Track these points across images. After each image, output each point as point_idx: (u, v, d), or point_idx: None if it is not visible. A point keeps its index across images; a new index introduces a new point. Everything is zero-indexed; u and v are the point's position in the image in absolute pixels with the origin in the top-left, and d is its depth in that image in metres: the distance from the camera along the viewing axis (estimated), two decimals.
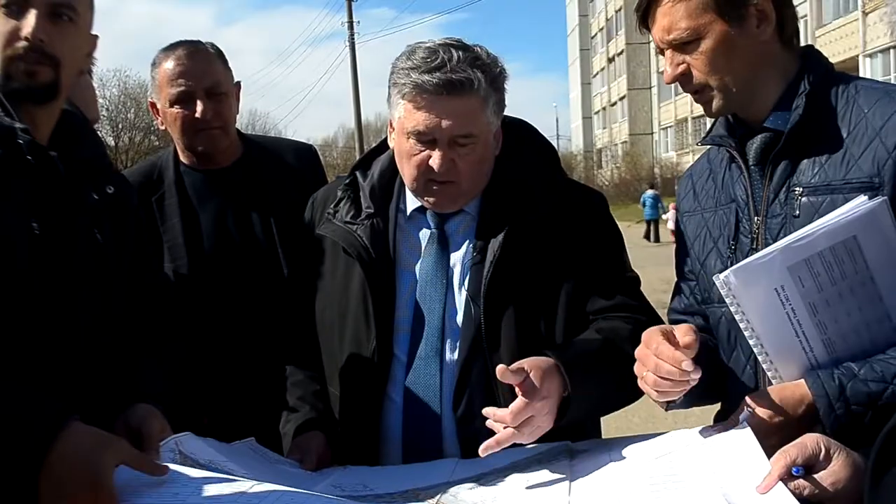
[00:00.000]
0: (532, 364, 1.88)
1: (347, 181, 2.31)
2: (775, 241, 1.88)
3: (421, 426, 2.13)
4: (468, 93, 2.03)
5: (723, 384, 2.06)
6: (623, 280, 2.22)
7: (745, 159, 1.99)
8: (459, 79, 2.01)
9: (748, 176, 1.98)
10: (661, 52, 2.00)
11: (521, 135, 2.30)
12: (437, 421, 2.12)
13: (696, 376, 1.71)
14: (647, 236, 30.52)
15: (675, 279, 2.28)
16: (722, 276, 1.73)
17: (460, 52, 2.04)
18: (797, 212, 1.87)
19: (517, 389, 1.85)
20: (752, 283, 1.71)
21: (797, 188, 1.88)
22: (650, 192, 33.16)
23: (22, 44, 1.81)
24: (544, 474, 1.86)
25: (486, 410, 1.88)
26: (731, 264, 1.95)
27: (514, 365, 1.86)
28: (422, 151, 2.08)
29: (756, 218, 1.96)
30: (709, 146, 2.15)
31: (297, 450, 2.13)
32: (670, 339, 1.76)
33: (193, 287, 2.79)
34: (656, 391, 1.77)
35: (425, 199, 2.17)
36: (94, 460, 1.55)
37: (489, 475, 1.90)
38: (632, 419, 6.67)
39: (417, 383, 2.14)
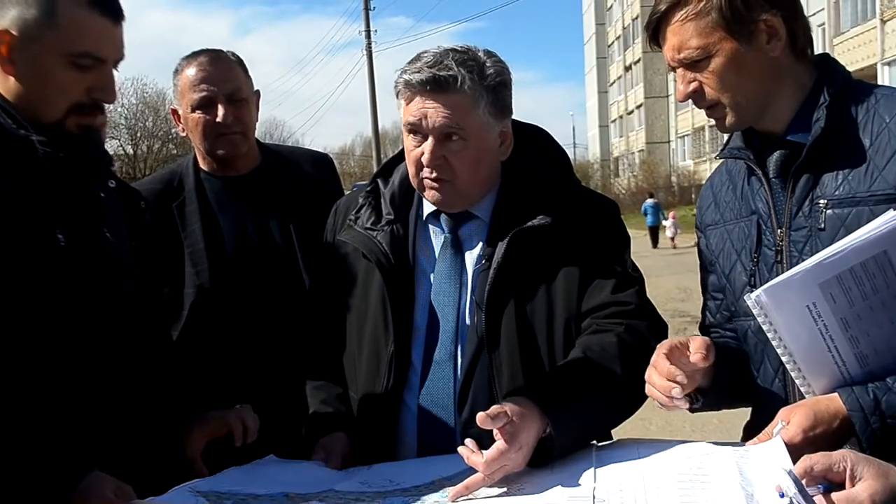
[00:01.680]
0: (513, 410, 1.82)
1: (369, 188, 2.34)
2: (800, 253, 1.89)
3: (435, 431, 2.14)
4: (452, 89, 2.07)
5: (752, 391, 2.06)
6: (622, 277, 2.18)
7: (765, 171, 1.99)
8: (443, 76, 2.07)
9: (769, 188, 1.98)
10: (672, 69, 2.01)
11: (534, 141, 2.32)
12: (452, 425, 2.13)
13: (681, 405, 1.77)
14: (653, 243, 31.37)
15: (701, 296, 2.28)
16: (753, 295, 1.72)
17: (455, 54, 2.11)
18: (822, 224, 1.87)
19: (496, 434, 1.80)
20: (783, 301, 1.71)
21: (821, 201, 1.88)
22: (650, 200, 34.83)
23: None
24: (569, 461, 1.86)
25: (461, 450, 1.81)
26: (755, 277, 1.98)
27: (495, 409, 1.79)
28: (417, 147, 2.14)
29: (779, 230, 1.95)
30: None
31: (321, 450, 2.15)
32: (681, 351, 1.78)
33: (215, 292, 2.81)
34: (658, 402, 1.81)
35: (426, 195, 2.21)
36: None
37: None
38: (649, 427, 6.67)
39: (432, 388, 2.16)
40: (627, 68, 70.10)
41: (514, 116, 2.24)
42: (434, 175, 2.14)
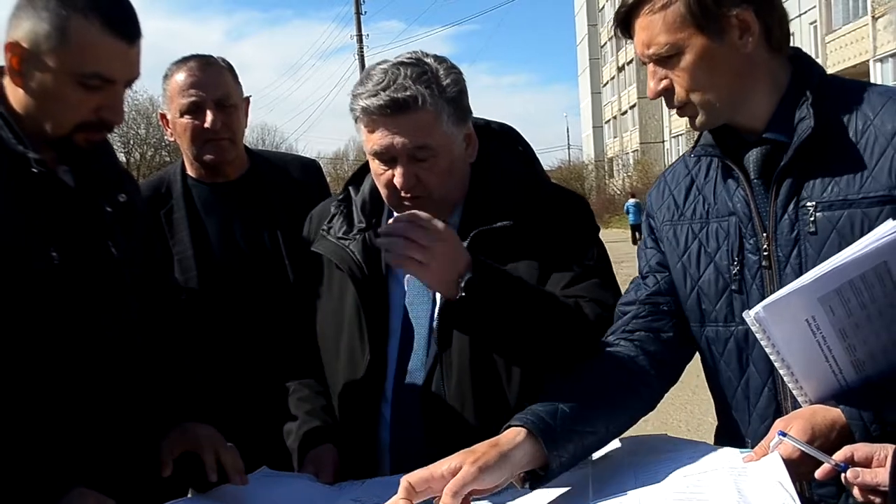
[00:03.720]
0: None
1: (341, 196, 2.32)
2: (788, 258, 1.84)
3: (407, 440, 2.12)
4: (413, 109, 2.03)
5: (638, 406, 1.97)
6: (582, 270, 2.13)
7: (744, 171, 1.91)
8: (403, 97, 2.01)
9: (749, 189, 1.90)
10: (643, 63, 1.93)
11: (502, 140, 2.30)
12: (420, 434, 2.11)
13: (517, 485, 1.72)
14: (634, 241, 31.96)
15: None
16: (753, 312, 1.67)
17: (408, 70, 2.04)
18: (813, 228, 1.80)
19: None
20: (783, 316, 1.67)
21: (809, 203, 1.81)
22: (632, 200, 36.62)
23: None
24: (564, 479, 1.81)
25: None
26: (737, 282, 1.91)
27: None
28: (386, 171, 2.10)
29: (763, 234, 1.88)
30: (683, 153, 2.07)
31: (311, 464, 2.13)
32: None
33: (203, 298, 2.80)
34: None
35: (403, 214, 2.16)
36: None
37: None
38: (645, 428, 6.65)
39: (405, 398, 2.14)
40: (620, 69, 70.22)
41: (508, 119, 2.23)
42: (409, 195, 2.10)
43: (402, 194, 2.10)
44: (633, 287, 2.12)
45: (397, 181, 2.07)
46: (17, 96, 1.88)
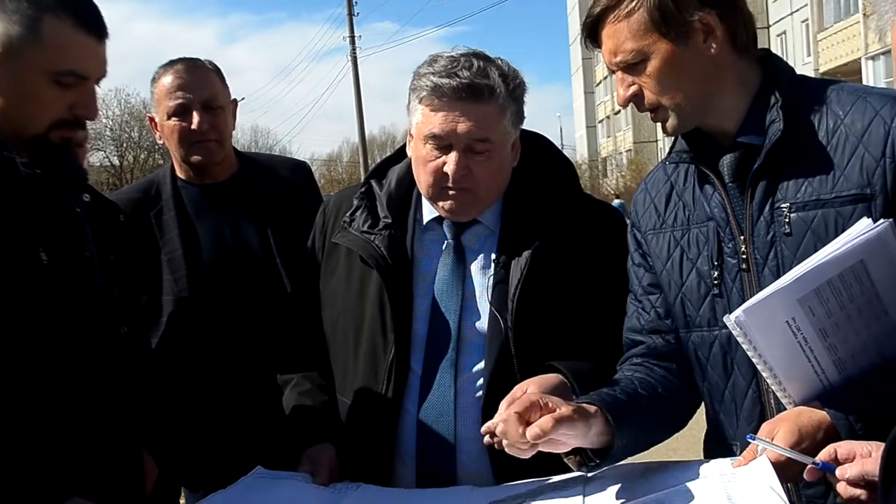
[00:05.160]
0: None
1: (363, 189, 2.29)
2: (766, 260, 1.84)
3: (435, 439, 2.11)
4: (487, 98, 2.04)
5: (669, 428, 2.04)
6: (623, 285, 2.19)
7: (719, 176, 1.92)
8: (479, 83, 2.02)
9: (725, 193, 1.91)
10: (612, 72, 1.95)
11: (538, 148, 2.30)
12: (451, 434, 2.10)
13: (570, 464, 1.80)
14: None
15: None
16: (733, 316, 1.69)
17: (481, 62, 2.06)
18: (788, 229, 1.81)
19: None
20: (763, 319, 1.68)
21: (783, 205, 1.82)
22: (617, 201, 37.34)
23: None
24: (558, 489, 1.83)
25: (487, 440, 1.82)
26: (718, 286, 1.92)
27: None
28: (437, 157, 2.08)
29: (741, 237, 1.89)
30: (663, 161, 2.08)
31: (308, 463, 2.10)
32: (538, 409, 1.70)
33: (194, 299, 2.82)
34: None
35: (440, 205, 2.15)
36: None
37: (503, 502, 1.87)
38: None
39: (433, 396, 2.12)
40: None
41: None
42: (456, 186, 2.09)
43: (449, 184, 2.09)
44: (635, 312, 2.13)
45: (449, 168, 2.06)
46: None
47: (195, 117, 2.84)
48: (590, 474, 1.89)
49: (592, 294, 2.14)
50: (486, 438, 1.82)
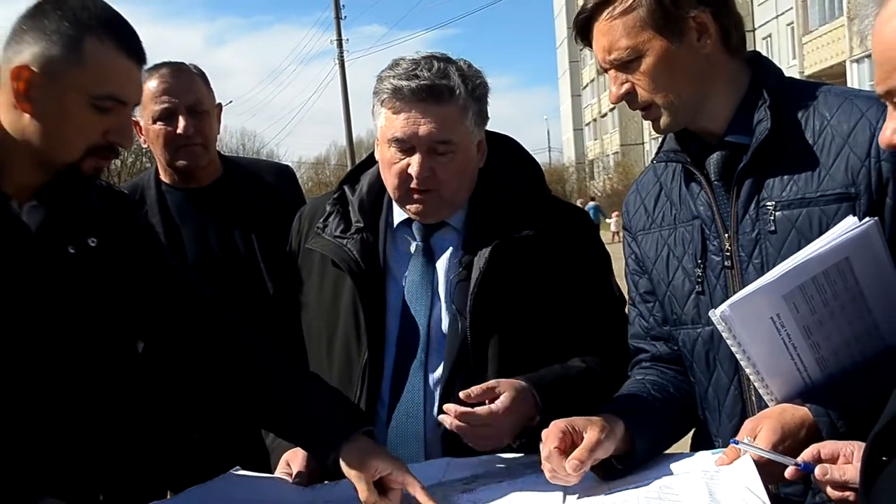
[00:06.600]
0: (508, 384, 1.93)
1: (336, 195, 2.30)
2: (750, 258, 1.86)
3: (405, 440, 2.12)
4: (447, 99, 2.05)
5: (688, 421, 2.07)
6: (608, 306, 2.23)
7: (705, 174, 1.93)
8: (439, 84, 2.03)
9: (711, 192, 1.92)
10: (604, 70, 1.95)
11: (505, 150, 2.31)
12: (420, 434, 2.12)
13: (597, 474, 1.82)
14: None
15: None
16: (719, 311, 1.70)
17: (441, 63, 2.07)
18: (773, 227, 1.83)
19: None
20: (747, 315, 1.69)
21: (768, 203, 1.84)
22: (591, 203, 38.75)
23: None
24: (539, 482, 1.83)
25: (442, 418, 1.91)
26: (702, 283, 1.93)
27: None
28: (401, 160, 2.09)
29: (726, 235, 1.90)
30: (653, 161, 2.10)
31: (286, 464, 2.11)
32: (574, 436, 1.77)
33: None
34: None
35: (408, 207, 2.17)
36: None
37: (482, 478, 1.90)
38: None
39: (404, 397, 2.13)
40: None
41: (489, 123, 2.22)
42: (421, 188, 2.10)
43: (413, 186, 2.10)
44: (636, 319, 2.16)
45: (413, 170, 2.08)
46: (20, 123, 1.79)
47: (181, 121, 2.84)
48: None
49: (556, 296, 2.15)
50: (445, 420, 1.91)
